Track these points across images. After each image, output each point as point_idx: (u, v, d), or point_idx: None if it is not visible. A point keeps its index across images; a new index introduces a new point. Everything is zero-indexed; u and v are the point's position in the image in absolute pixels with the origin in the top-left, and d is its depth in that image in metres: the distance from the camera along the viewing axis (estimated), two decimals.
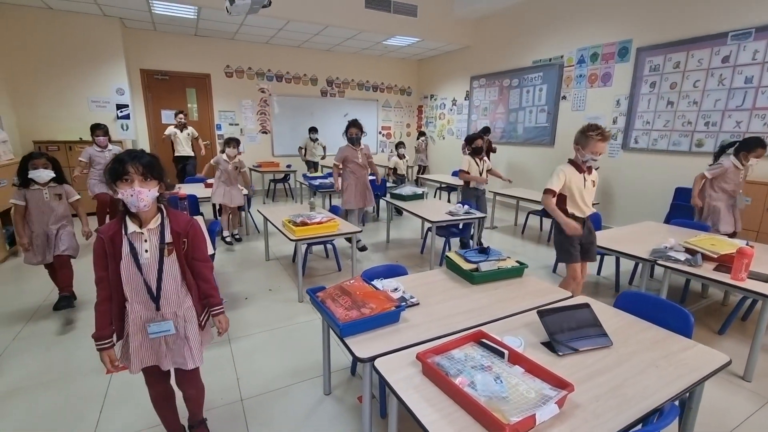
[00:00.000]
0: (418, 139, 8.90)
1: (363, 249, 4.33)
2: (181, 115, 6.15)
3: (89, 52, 5.90)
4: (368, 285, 1.86)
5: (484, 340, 1.44)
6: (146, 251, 1.37)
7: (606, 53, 5.21)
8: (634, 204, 5.09)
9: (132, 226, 1.36)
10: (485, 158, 4.50)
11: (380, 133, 9.36)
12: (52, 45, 5.66)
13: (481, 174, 4.38)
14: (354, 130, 4.15)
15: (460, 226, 4.20)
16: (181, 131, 6.16)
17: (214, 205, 4.51)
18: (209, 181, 4.94)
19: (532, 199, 4.87)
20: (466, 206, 3.89)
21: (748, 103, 3.96)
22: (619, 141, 5.15)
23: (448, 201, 6.80)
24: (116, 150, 4.40)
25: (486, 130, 6.82)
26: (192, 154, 6.33)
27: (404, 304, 1.78)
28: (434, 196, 6.99)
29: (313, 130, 7.56)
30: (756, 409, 2.03)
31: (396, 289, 1.94)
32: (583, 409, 1.17)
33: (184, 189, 4.86)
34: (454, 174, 6.33)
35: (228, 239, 4.51)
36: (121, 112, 6.24)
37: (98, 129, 4.28)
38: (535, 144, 6.41)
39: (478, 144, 4.39)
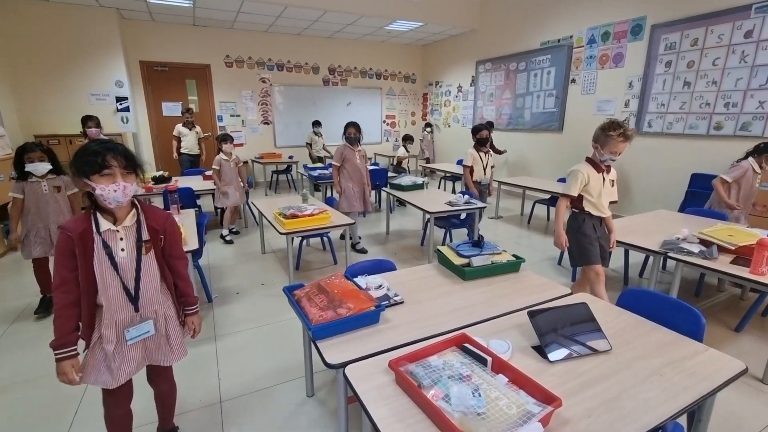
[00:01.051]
0: (423, 131, 8.50)
1: (362, 251, 4.06)
2: (188, 114, 6.04)
3: (87, 45, 5.84)
4: (349, 282, 1.74)
5: (466, 345, 1.30)
6: (122, 250, 1.27)
7: (618, 31, 4.92)
8: (647, 192, 4.84)
9: (105, 224, 1.25)
10: (490, 152, 4.27)
11: (384, 122, 9.15)
12: (51, 38, 5.61)
13: (485, 168, 4.16)
14: (352, 129, 3.92)
15: (462, 217, 4.04)
16: (190, 130, 6.04)
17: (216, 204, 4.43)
18: (207, 173, 4.87)
19: (539, 189, 4.68)
20: (466, 196, 3.72)
21: None
22: (631, 125, 4.87)
23: (453, 191, 6.63)
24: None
25: (490, 125, 6.45)
26: (198, 152, 6.24)
27: (385, 303, 1.66)
28: (438, 186, 6.83)
29: (316, 123, 7.31)
30: None
31: (380, 286, 1.81)
32: (573, 427, 1.03)
33: (182, 181, 4.81)
34: (459, 163, 6.14)
35: (228, 237, 4.39)
36: (121, 104, 6.18)
37: (90, 120, 4.21)
38: (542, 130, 6.15)
39: (483, 135, 4.14)
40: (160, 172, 4.72)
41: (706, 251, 2.26)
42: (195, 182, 4.64)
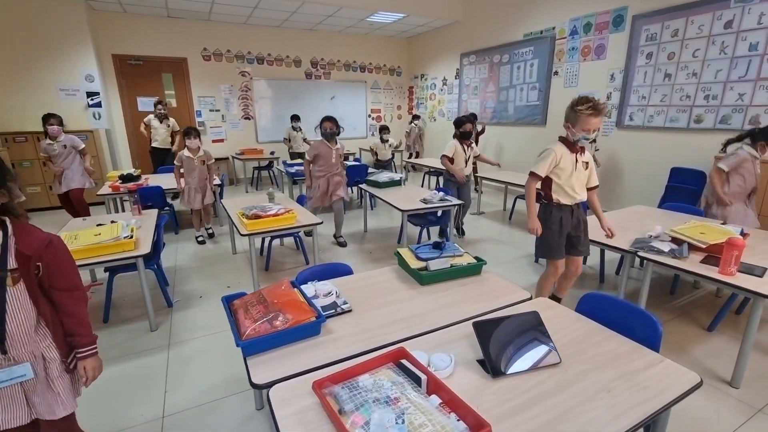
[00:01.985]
0: (410, 123, 8.27)
1: (342, 245, 4.06)
2: (160, 106, 5.79)
3: (55, 37, 5.61)
4: (294, 291, 1.63)
5: (403, 361, 1.21)
6: None
7: (600, 22, 4.81)
8: (627, 186, 4.78)
9: None
10: (473, 144, 4.14)
11: (369, 116, 9.00)
12: (15, 30, 5.37)
13: (467, 161, 4.02)
14: (329, 124, 3.75)
15: (439, 214, 3.95)
16: (161, 122, 5.81)
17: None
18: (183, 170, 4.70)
19: (521, 185, 4.56)
20: (441, 193, 3.62)
21: (752, 73, 3.60)
22: (613, 119, 4.80)
23: (437, 186, 6.52)
24: (67, 140, 4.11)
25: (473, 117, 6.34)
26: (170, 147, 6.03)
27: (330, 313, 1.56)
28: (422, 183, 6.73)
29: (295, 118, 6.98)
30: (744, 420, 1.79)
31: (329, 293, 1.71)
32: None
33: (154, 179, 4.65)
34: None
35: (200, 239, 4.22)
36: (92, 100, 5.97)
37: (51, 117, 3.99)
38: (526, 124, 6.06)
39: (466, 128, 3.97)
40: (128, 171, 4.57)
41: (676, 250, 2.18)
42: (167, 180, 4.47)
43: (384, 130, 6.50)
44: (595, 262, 3.43)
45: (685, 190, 3.90)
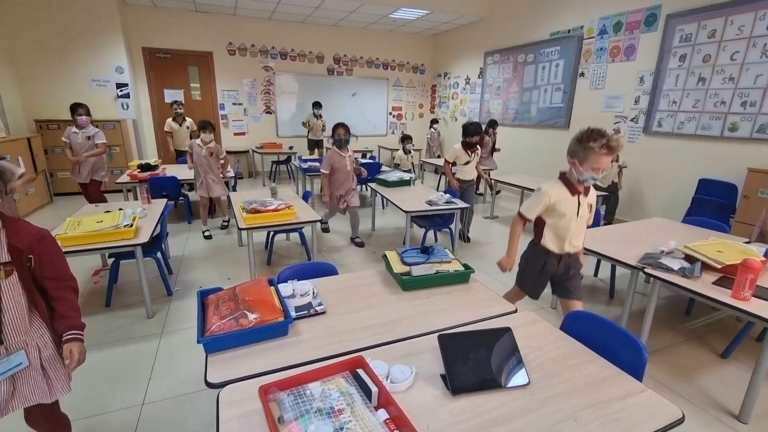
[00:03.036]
0: (430, 128, 7.87)
1: (360, 245, 4.03)
2: (176, 105, 5.77)
3: (88, 30, 5.87)
4: (269, 288, 1.61)
5: (359, 371, 1.16)
6: None
7: (631, 21, 4.55)
8: (651, 196, 4.51)
9: None
10: (477, 150, 4.00)
11: (390, 113, 8.94)
12: (51, 23, 5.67)
13: (470, 165, 3.96)
14: (342, 131, 3.76)
15: (447, 217, 3.85)
16: (180, 125, 5.78)
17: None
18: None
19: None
20: (447, 195, 3.53)
21: None
22: (640, 124, 4.54)
23: (447, 187, 6.40)
24: (92, 132, 4.20)
25: (493, 124, 5.91)
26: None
27: (301, 314, 1.53)
28: (437, 184, 6.63)
29: (317, 105, 6.95)
30: None
31: (306, 293, 1.68)
32: None
33: (171, 170, 4.78)
34: None
35: (207, 233, 4.16)
36: (121, 91, 6.22)
37: (79, 107, 4.06)
38: (548, 126, 5.83)
39: (473, 140, 3.86)
40: (146, 160, 4.71)
41: (687, 268, 2.02)
42: (185, 171, 4.57)
43: (407, 139, 6.01)
44: (606, 276, 3.25)
45: (712, 204, 3.63)
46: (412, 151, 6.08)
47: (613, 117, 4.83)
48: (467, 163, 3.92)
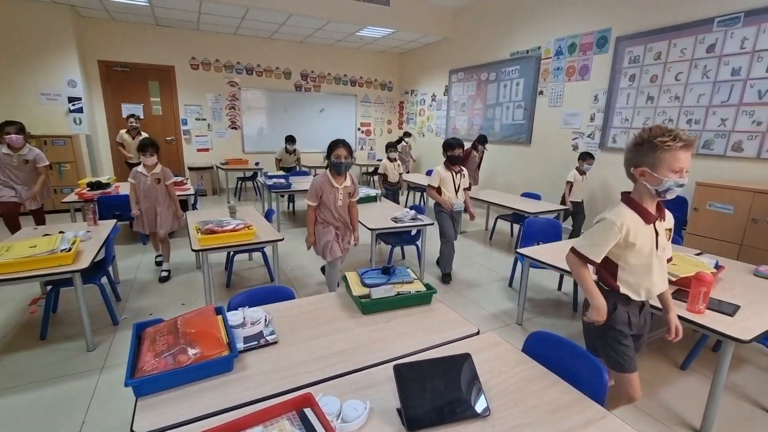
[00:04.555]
0: (402, 140, 7.69)
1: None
2: (132, 119, 5.48)
3: (39, 42, 5.56)
4: (216, 318, 1.49)
5: (306, 410, 1.06)
6: None
7: (584, 43, 4.78)
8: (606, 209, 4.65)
9: None
10: (463, 172, 3.50)
11: (359, 129, 8.95)
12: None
13: (457, 191, 3.43)
14: (343, 151, 2.62)
15: (413, 233, 3.82)
16: (133, 138, 5.46)
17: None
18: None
19: (502, 205, 4.41)
20: (413, 211, 3.50)
21: (735, 98, 3.53)
22: (596, 140, 4.72)
23: (421, 203, 6.43)
24: (32, 154, 3.71)
25: (482, 140, 5.62)
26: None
27: (247, 345, 1.41)
28: (406, 199, 6.63)
29: (290, 139, 6.59)
30: None
31: (257, 322, 1.56)
32: None
33: (125, 188, 4.51)
34: (429, 173, 5.91)
35: (160, 259, 3.74)
36: (74, 105, 5.89)
37: (8, 125, 3.53)
38: (511, 142, 5.98)
39: (455, 153, 3.35)
40: (98, 178, 4.44)
41: None
42: None
43: (390, 147, 5.63)
44: (570, 289, 3.28)
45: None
46: (397, 158, 5.64)
47: (572, 133, 5.02)
48: (456, 188, 3.43)
